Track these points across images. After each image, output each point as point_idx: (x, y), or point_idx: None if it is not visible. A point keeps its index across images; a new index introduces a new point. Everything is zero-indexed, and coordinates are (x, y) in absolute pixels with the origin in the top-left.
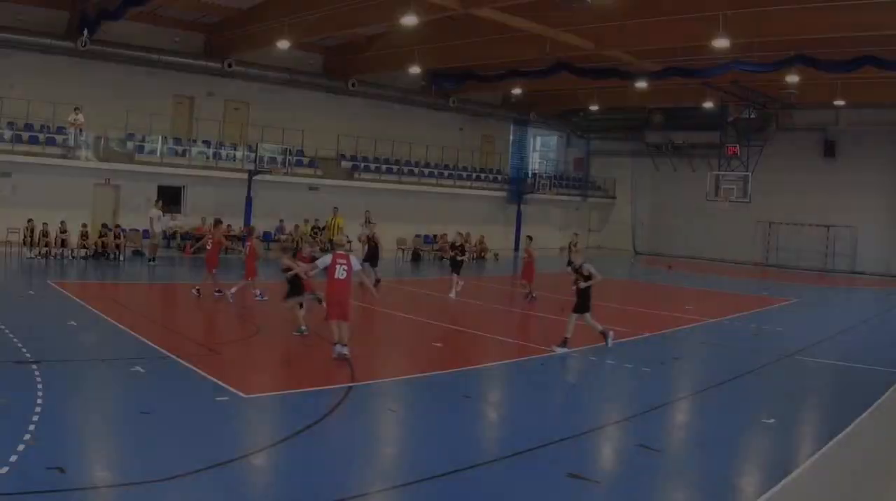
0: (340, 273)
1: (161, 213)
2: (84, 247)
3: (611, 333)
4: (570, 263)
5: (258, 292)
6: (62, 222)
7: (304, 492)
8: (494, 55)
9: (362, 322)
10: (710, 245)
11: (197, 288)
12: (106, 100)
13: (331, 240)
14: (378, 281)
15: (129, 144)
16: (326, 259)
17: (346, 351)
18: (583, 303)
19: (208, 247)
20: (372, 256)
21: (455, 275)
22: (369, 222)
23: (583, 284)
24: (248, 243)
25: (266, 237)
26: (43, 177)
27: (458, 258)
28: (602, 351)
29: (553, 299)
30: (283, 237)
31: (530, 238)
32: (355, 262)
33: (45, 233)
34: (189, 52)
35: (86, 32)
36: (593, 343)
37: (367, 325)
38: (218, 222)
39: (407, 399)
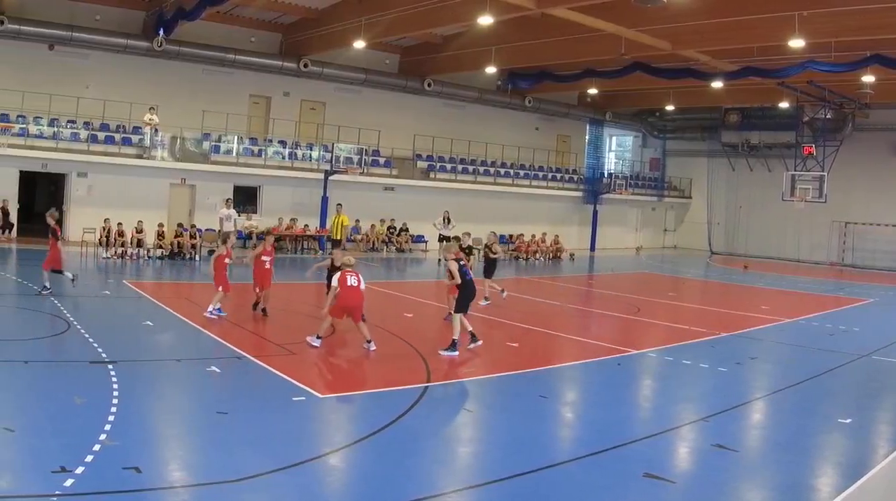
0: (352, 281)
1: (233, 213)
2: (160, 246)
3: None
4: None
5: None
6: (139, 222)
7: (380, 492)
8: (570, 55)
9: (438, 322)
10: (786, 245)
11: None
12: (182, 99)
13: (335, 241)
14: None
15: (205, 144)
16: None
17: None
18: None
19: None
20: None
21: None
22: (449, 221)
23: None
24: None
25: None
26: (118, 176)
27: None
28: (677, 351)
29: (627, 298)
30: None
31: (458, 239)
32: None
33: (120, 233)
34: (265, 52)
35: (162, 32)
36: (668, 343)
37: (443, 326)
38: (226, 237)
39: (483, 399)
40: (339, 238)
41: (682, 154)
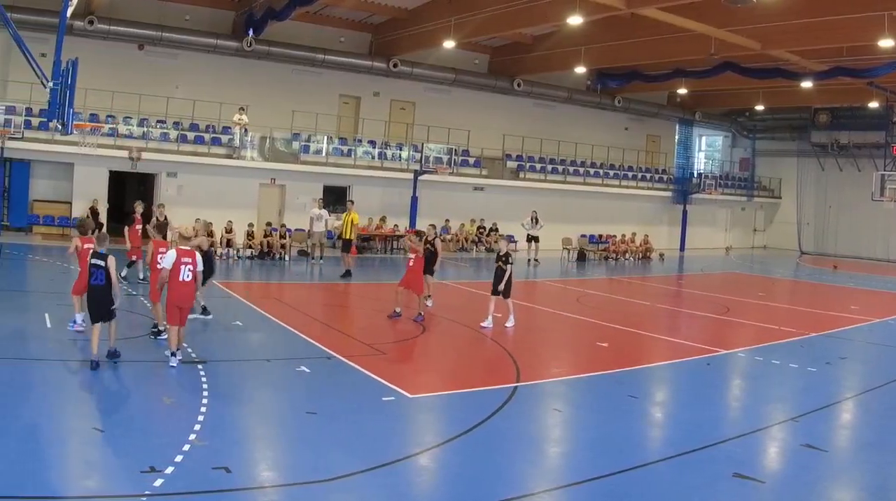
0: (185, 274)
1: (324, 212)
2: (250, 246)
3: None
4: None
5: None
6: (228, 222)
7: (469, 492)
8: (660, 55)
9: (527, 321)
10: (876, 245)
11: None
12: (271, 99)
13: (345, 240)
14: None
15: (295, 144)
16: (171, 256)
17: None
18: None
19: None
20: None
21: (427, 275)
22: (537, 221)
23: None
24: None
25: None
26: (208, 176)
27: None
28: (766, 351)
29: (716, 298)
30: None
31: (418, 234)
32: (200, 261)
33: (210, 233)
34: (355, 52)
35: (251, 32)
36: (757, 343)
37: (532, 325)
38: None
39: (572, 399)
40: (348, 237)
41: (772, 154)
